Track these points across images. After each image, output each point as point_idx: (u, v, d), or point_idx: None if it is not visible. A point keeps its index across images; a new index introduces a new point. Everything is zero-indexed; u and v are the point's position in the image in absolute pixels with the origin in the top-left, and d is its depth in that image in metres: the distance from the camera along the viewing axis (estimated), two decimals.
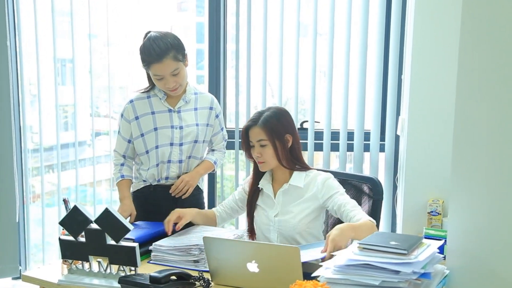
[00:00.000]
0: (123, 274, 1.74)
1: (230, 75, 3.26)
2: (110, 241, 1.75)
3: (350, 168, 3.14)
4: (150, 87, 2.43)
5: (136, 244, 1.73)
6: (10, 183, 3.34)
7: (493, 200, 1.42)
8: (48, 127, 3.44)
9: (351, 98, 3.06)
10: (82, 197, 3.56)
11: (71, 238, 1.80)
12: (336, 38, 3.03)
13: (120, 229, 1.73)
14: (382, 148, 3.06)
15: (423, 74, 2.65)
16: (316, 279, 1.50)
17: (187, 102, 2.44)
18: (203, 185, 2.65)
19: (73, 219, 1.78)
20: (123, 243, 1.74)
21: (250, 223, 2.24)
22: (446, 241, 1.70)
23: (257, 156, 2.14)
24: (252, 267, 1.67)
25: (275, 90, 3.17)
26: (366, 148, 3.08)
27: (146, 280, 1.66)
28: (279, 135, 2.11)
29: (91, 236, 1.76)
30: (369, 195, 2.27)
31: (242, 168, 3.26)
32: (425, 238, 1.82)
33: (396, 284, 1.45)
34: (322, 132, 3.11)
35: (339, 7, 3.02)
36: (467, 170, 1.53)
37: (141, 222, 2.31)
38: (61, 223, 1.80)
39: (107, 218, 1.73)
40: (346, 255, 1.54)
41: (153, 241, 2.02)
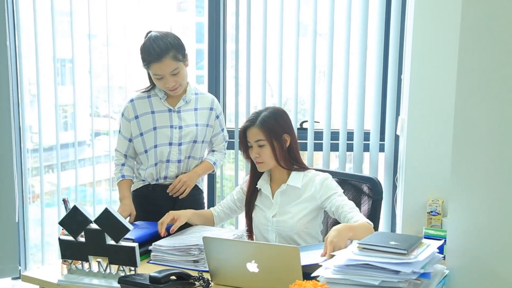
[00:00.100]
0: (122, 274, 1.74)
1: (230, 75, 3.26)
2: (110, 241, 1.75)
3: (349, 168, 3.14)
4: (150, 86, 2.44)
5: (135, 244, 1.73)
6: (9, 183, 3.34)
7: (493, 200, 1.42)
8: (48, 127, 3.44)
9: (351, 98, 3.06)
10: (82, 197, 3.56)
11: (70, 238, 1.80)
12: (336, 38, 3.03)
13: (120, 229, 1.73)
14: (381, 148, 3.06)
15: (423, 74, 2.64)
16: (315, 279, 1.50)
17: (187, 102, 2.44)
18: (203, 185, 2.65)
19: (73, 219, 1.78)
20: (122, 243, 1.74)
21: (249, 223, 2.24)
22: (445, 241, 1.70)
23: (255, 157, 2.13)
24: (252, 267, 1.67)
25: (274, 90, 3.17)
26: (366, 148, 3.08)
27: (146, 280, 1.66)
28: (277, 135, 2.11)
29: (91, 236, 1.76)
30: (369, 195, 2.26)
31: (242, 168, 3.26)
32: (425, 238, 1.82)
33: (396, 284, 1.45)
34: (322, 132, 3.11)
35: (338, 7, 3.02)
36: (467, 170, 1.53)
37: (141, 222, 2.31)
38: (61, 223, 1.80)
39: (107, 218, 1.73)
40: (345, 255, 1.54)
41: (153, 241, 2.02)
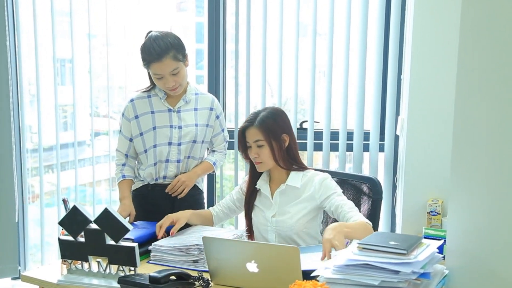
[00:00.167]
0: (122, 274, 1.74)
1: (230, 75, 3.26)
2: (110, 241, 1.75)
3: (349, 168, 3.14)
4: (151, 86, 2.44)
5: (135, 244, 1.73)
6: (9, 183, 3.34)
7: (493, 200, 1.42)
8: (48, 127, 3.44)
9: (351, 98, 3.06)
10: (82, 197, 3.55)
11: (70, 238, 1.80)
12: (336, 38, 3.03)
13: (120, 229, 1.73)
14: (381, 148, 3.06)
15: (423, 74, 2.64)
16: (315, 279, 1.50)
17: (187, 102, 2.44)
18: (203, 186, 2.65)
19: (73, 219, 1.78)
20: (122, 243, 1.74)
21: (249, 223, 2.24)
22: (445, 241, 1.70)
23: (254, 157, 2.13)
24: (252, 267, 1.67)
25: (274, 90, 3.17)
26: (366, 148, 3.08)
27: (146, 280, 1.66)
28: (276, 135, 2.11)
29: (91, 236, 1.76)
30: (369, 195, 2.26)
31: (242, 168, 3.26)
32: (425, 238, 1.82)
33: (396, 284, 1.45)
34: (322, 132, 3.11)
35: (338, 7, 3.02)
36: (466, 170, 1.53)
37: (140, 222, 2.31)
38: (61, 223, 1.80)
39: (107, 218, 1.73)
40: (345, 255, 1.53)
41: (153, 241, 2.02)
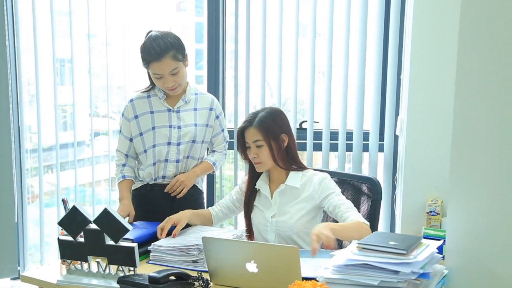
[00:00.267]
0: (122, 274, 1.74)
1: (229, 75, 3.26)
2: (109, 241, 1.75)
3: (349, 168, 3.14)
4: (150, 86, 2.44)
5: (135, 244, 1.73)
6: (8, 183, 3.33)
7: (492, 200, 1.42)
8: (47, 127, 3.44)
9: (350, 98, 3.06)
10: (81, 197, 3.55)
11: (70, 238, 1.79)
12: (335, 38, 3.03)
13: (119, 229, 1.73)
14: (381, 148, 3.07)
15: (422, 74, 2.65)
16: (315, 279, 1.50)
17: (186, 102, 2.44)
18: (203, 186, 2.65)
19: (72, 219, 1.78)
20: (122, 243, 1.74)
21: (248, 223, 2.24)
22: (445, 241, 1.70)
23: (253, 157, 2.13)
24: (251, 267, 1.67)
25: (274, 90, 3.17)
26: (365, 148, 3.08)
27: (145, 281, 1.66)
28: (275, 135, 2.11)
29: (90, 236, 1.76)
30: (368, 195, 2.27)
31: (241, 168, 3.26)
32: (424, 238, 1.82)
33: (395, 284, 1.45)
34: (321, 132, 3.11)
35: (338, 7, 3.02)
36: (466, 170, 1.53)
37: (139, 222, 2.30)
38: (60, 223, 1.80)
39: (106, 218, 1.73)
40: (345, 255, 1.54)
41: (152, 241, 2.02)
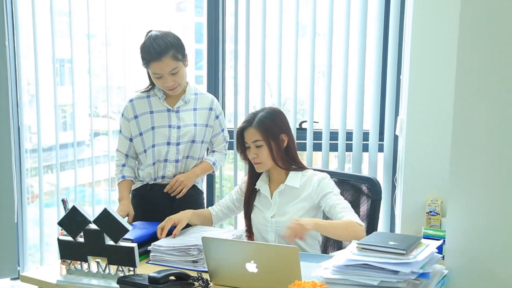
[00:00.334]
0: (121, 274, 1.74)
1: (229, 75, 3.26)
2: (109, 241, 1.75)
3: (349, 168, 3.14)
4: (150, 86, 2.44)
5: (135, 244, 1.73)
6: (8, 183, 3.33)
7: (492, 201, 1.42)
8: (47, 127, 3.44)
9: (350, 98, 3.06)
10: (81, 197, 3.55)
11: (69, 238, 1.79)
12: (335, 38, 3.03)
13: (119, 229, 1.73)
14: (381, 148, 3.07)
15: (422, 74, 2.65)
16: (314, 279, 1.50)
17: (186, 102, 2.44)
18: (203, 186, 2.64)
19: (72, 220, 1.78)
20: (121, 243, 1.74)
21: (248, 223, 2.24)
22: (444, 241, 1.70)
23: (253, 157, 2.13)
24: (251, 267, 1.67)
25: (273, 90, 3.17)
26: (365, 148, 3.08)
27: (145, 281, 1.66)
28: (274, 135, 2.11)
29: (90, 236, 1.76)
30: (368, 195, 2.27)
31: (241, 168, 3.26)
32: (424, 238, 1.82)
33: (395, 284, 1.45)
34: (321, 132, 3.11)
35: (337, 7, 3.02)
36: (465, 170, 1.53)
37: (139, 222, 2.30)
38: (60, 223, 1.80)
39: (106, 218, 1.73)
40: (345, 255, 1.54)
41: (152, 241, 2.01)
